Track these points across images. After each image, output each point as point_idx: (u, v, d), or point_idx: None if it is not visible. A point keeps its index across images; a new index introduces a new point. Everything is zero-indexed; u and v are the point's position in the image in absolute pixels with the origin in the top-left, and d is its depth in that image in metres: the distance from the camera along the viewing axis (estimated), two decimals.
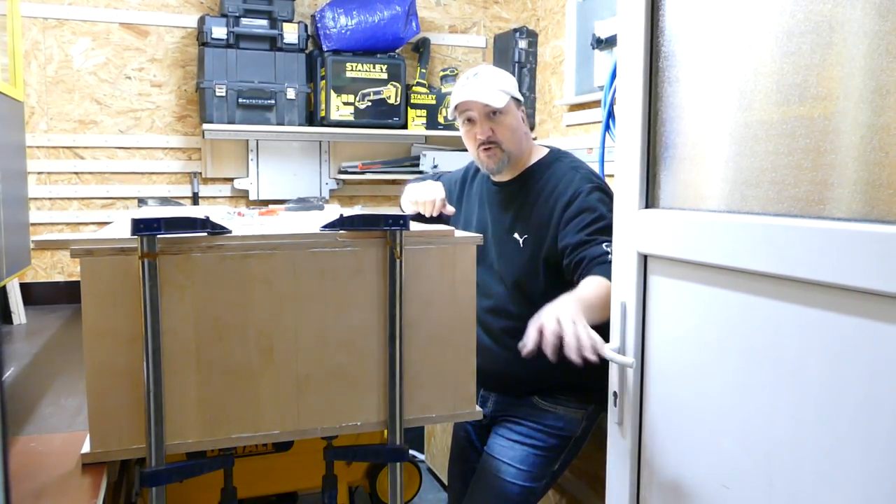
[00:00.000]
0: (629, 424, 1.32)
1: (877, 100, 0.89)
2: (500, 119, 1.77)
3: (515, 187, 1.84)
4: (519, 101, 1.82)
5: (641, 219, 1.28)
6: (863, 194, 0.91)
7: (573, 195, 1.71)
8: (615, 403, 1.35)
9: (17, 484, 1.24)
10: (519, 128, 1.81)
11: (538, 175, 1.82)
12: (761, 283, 1.04)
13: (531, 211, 1.78)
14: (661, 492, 1.28)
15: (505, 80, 1.80)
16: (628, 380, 1.32)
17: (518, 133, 1.80)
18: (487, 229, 1.86)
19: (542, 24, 3.54)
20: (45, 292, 3.06)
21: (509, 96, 1.77)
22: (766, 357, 1.05)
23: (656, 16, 1.24)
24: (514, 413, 1.82)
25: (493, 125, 1.76)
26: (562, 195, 1.73)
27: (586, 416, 1.80)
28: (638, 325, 1.31)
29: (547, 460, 1.78)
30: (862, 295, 0.89)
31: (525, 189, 1.82)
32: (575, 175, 1.76)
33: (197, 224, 1.29)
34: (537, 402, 1.79)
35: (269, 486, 2.11)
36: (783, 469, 1.03)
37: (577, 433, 1.79)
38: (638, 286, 1.30)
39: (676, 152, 1.23)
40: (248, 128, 3.18)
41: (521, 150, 1.82)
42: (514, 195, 1.83)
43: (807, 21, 0.98)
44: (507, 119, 1.77)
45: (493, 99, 1.74)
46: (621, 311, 1.33)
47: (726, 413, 1.13)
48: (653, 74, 1.26)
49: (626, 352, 1.32)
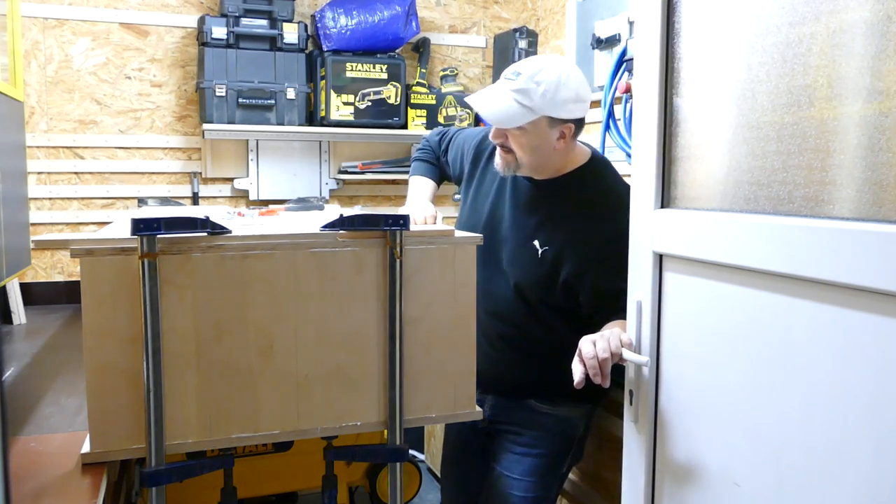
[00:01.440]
0: (644, 422, 1.33)
1: (885, 101, 0.90)
2: (515, 133, 1.57)
3: (548, 192, 1.66)
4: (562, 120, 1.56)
5: (657, 218, 1.29)
6: (871, 194, 0.92)
7: (619, 231, 1.40)
8: (630, 402, 1.36)
9: (17, 484, 1.24)
10: (542, 147, 1.57)
11: (578, 186, 1.64)
12: (773, 282, 1.05)
13: (561, 224, 1.62)
14: (674, 488, 1.29)
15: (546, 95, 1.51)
16: (643, 378, 1.33)
17: (539, 152, 1.58)
18: (502, 224, 1.71)
19: (542, 24, 3.54)
20: (45, 292, 3.06)
21: (537, 115, 1.52)
22: (777, 355, 1.06)
23: (672, 17, 1.25)
24: (513, 419, 1.77)
25: (507, 133, 1.58)
26: (604, 222, 1.55)
27: (585, 415, 1.78)
28: (653, 324, 1.32)
29: (554, 465, 1.77)
30: (872, 294, 0.90)
31: (559, 198, 1.64)
32: (621, 202, 1.43)
33: (197, 224, 1.29)
34: (535, 405, 1.75)
35: (269, 486, 2.11)
36: (793, 466, 1.04)
37: (579, 433, 1.78)
38: (653, 285, 1.31)
39: (691, 153, 1.24)
40: (248, 128, 3.18)
41: (542, 165, 1.63)
42: (544, 199, 1.66)
43: (816, 22, 0.99)
44: (525, 137, 1.56)
45: (501, 116, 1.54)
46: (637, 309, 1.34)
47: (738, 411, 1.14)
48: (668, 75, 1.27)
49: (642, 350, 1.33)
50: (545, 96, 1.51)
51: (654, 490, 1.34)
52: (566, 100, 1.54)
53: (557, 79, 1.52)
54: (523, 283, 1.67)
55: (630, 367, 1.35)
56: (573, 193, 1.65)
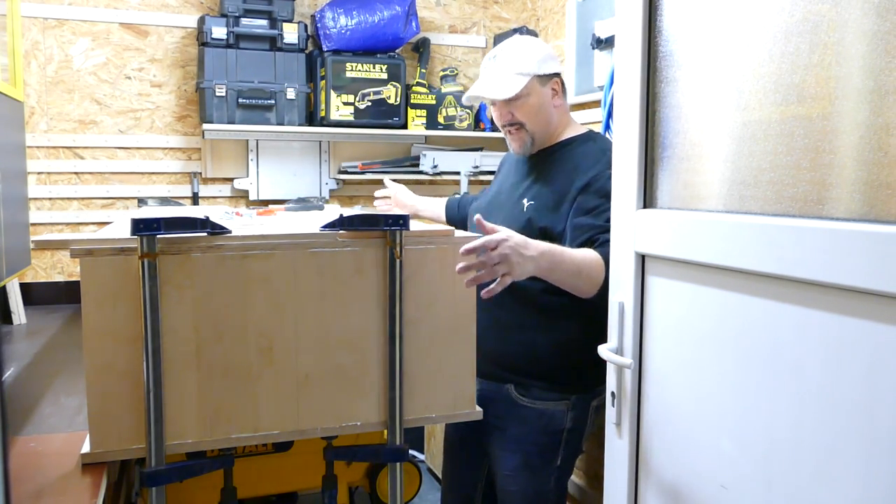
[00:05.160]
0: (627, 425, 1.32)
1: (875, 100, 0.89)
2: (518, 103, 1.72)
3: (540, 158, 1.80)
4: (549, 76, 1.74)
5: (639, 219, 1.28)
6: (861, 194, 0.91)
7: (594, 177, 1.66)
8: (613, 404, 1.35)
9: (17, 484, 1.24)
10: (544, 105, 1.75)
11: (567, 150, 1.78)
12: (759, 283, 1.04)
13: (547, 180, 1.75)
14: (659, 492, 1.28)
15: (526, 58, 1.72)
16: (626, 380, 1.32)
17: (543, 111, 1.75)
18: (500, 196, 1.86)
19: (542, 24, 3.54)
20: (45, 292, 3.06)
21: (529, 77, 1.70)
22: (764, 357, 1.05)
23: (654, 15, 1.24)
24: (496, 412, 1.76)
25: (512, 109, 1.73)
26: (582, 173, 1.69)
27: (571, 407, 1.75)
28: (636, 326, 1.30)
29: (546, 459, 1.76)
30: (860, 295, 0.89)
31: (549, 161, 1.79)
32: (601, 157, 1.68)
33: (197, 224, 1.29)
34: (516, 396, 1.74)
35: (269, 486, 2.11)
36: (781, 469, 1.03)
37: (566, 425, 1.75)
38: (636, 286, 1.30)
39: (674, 152, 1.23)
40: (248, 128, 3.18)
41: (548, 128, 1.77)
42: (536, 165, 1.81)
43: (805, 21, 0.98)
44: (528, 101, 1.72)
45: (502, 90, 1.69)
46: (619, 311, 1.33)
47: (725, 413, 1.13)
48: (651, 74, 1.26)
49: (624, 352, 1.32)
50: (526, 59, 1.71)
51: (638, 494, 1.33)
52: (542, 57, 1.73)
53: (524, 45, 1.76)
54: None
55: (612, 369, 1.35)
56: (563, 156, 1.77)
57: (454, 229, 1.53)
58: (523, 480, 1.75)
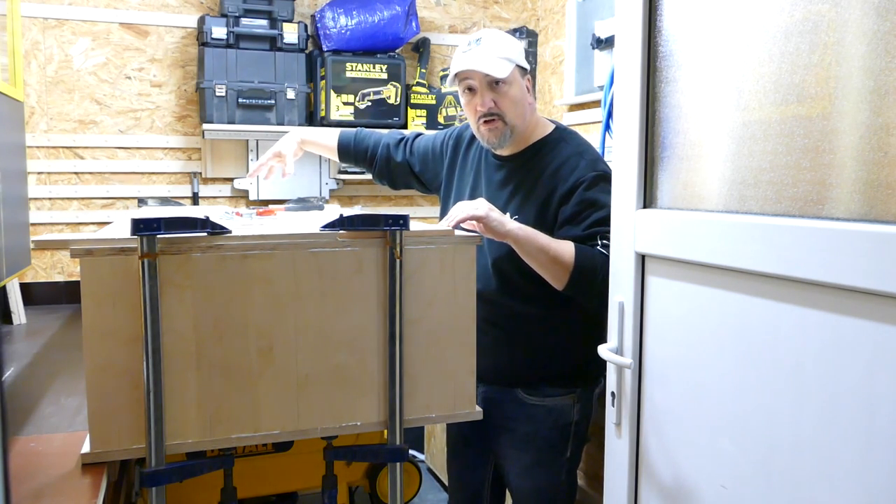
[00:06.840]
0: (627, 425, 1.32)
1: (875, 100, 0.89)
2: (504, 90, 1.67)
3: (517, 164, 1.76)
4: (525, 70, 1.73)
5: (639, 219, 1.28)
6: (861, 194, 0.91)
7: (575, 184, 1.65)
8: (613, 404, 1.35)
9: (17, 484, 1.24)
10: (523, 99, 1.72)
11: (542, 154, 1.75)
12: (759, 283, 1.04)
13: (529, 192, 1.72)
14: (659, 492, 1.28)
15: (509, 46, 1.69)
16: (626, 380, 1.32)
17: (522, 105, 1.71)
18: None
19: (541, 23, 3.54)
20: (45, 292, 3.06)
21: (514, 65, 1.67)
22: (764, 357, 1.05)
23: (654, 16, 1.24)
24: (504, 413, 1.78)
25: (495, 96, 1.67)
26: (563, 181, 1.67)
27: (577, 400, 1.77)
28: (636, 326, 1.30)
29: (557, 452, 1.78)
30: (860, 295, 0.89)
31: (526, 167, 1.75)
32: (580, 161, 1.68)
33: (197, 224, 1.29)
34: (523, 397, 1.76)
35: (269, 486, 2.11)
36: (782, 469, 1.03)
37: (573, 418, 1.77)
38: (636, 286, 1.30)
39: (674, 152, 1.23)
40: (248, 128, 3.18)
41: (524, 123, 1.73)
42: (514, 172, 1.76)
43: (805, 21, 0.98)
44: (511, 90, 1.68)
45: (496, 68, 1.64)
46: (619, 310, 1.33)
47: (725, 413, 1.13)
48: (651, 74, 1.25)
49: (624, 352, 1.32)
50: (509, 47, 1.69)
51: (637, 493, 1.33)
52: (520, 50, 1.73)
53: (504, 34, 1.74)
54: (499, 257, 1.71)
55: (612, 369, 1.35)
56: (539, 162, 1.74)
57: (454, 229, 1.53)
58: (536, 476, 1.77)
